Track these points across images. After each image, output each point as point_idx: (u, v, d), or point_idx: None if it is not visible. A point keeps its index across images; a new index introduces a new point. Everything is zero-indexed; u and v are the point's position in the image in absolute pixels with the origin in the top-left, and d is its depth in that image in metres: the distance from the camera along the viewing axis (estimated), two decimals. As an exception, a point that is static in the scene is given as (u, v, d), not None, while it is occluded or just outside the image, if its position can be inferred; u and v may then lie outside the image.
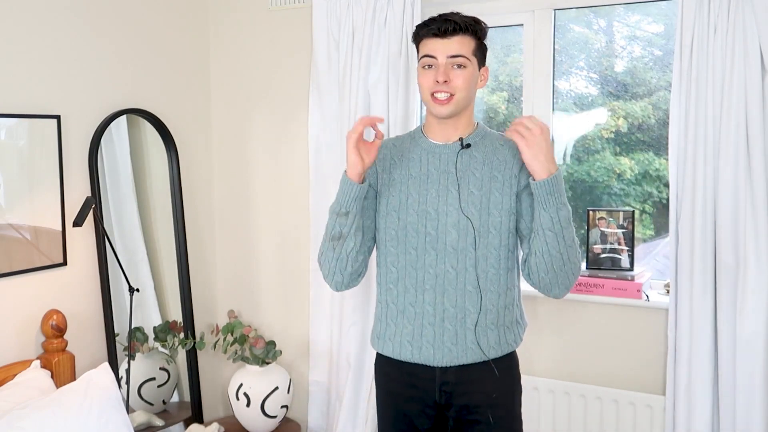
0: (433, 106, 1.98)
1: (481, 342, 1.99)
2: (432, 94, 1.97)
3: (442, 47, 1.95)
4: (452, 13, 1.99)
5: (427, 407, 2.06)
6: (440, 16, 1.98)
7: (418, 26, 2.01)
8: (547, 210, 1.89)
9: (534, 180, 1.89)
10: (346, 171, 1.98)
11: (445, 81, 1.94)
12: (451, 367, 2.00)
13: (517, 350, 2.10)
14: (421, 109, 3.05)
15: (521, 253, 2.05)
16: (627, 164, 2.94)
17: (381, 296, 2.11)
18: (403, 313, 2.04)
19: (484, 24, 2.02)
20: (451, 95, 1.95)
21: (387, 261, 2.07)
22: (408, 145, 2.09)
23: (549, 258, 1.91)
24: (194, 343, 3.20)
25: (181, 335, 3.19)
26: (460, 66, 1.95)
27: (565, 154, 3.04)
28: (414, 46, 2.08)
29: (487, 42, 2.04)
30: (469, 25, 1.97)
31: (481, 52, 2.01)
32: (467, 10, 2.96)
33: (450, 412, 2.05)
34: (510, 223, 1.99)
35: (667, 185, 2.76)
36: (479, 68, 2.01)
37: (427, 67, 1.98)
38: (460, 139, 2.02)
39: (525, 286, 2.79)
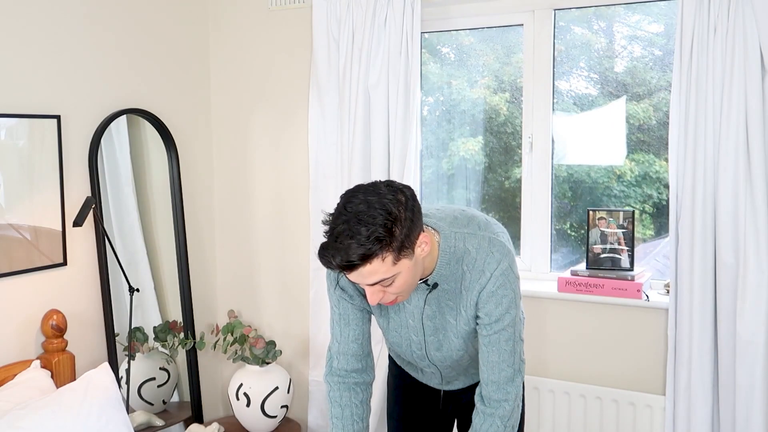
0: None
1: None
2: None
3: (355, 278, 1.66)
4: (341, 246, 1.59)
5: (433, 390, 2.20)
6: (323, 252, 1.62)
7: (318, 255, 1.65)
8: None
9: None
10: None
11: (381, 297, 1.72)
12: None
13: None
14: (420, 110, 3.06)
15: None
16: (627, 165, 2.94)
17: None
18: (407, 368, 2.21)
19: (392, 220, 1.60)
20: (396, 297, 1.76)
21: None
22: None
23: None
24: (194, 343, 3.20)
25: (181, 335, 3.18)
26: (387, 284, 1.69)
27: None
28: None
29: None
30: (370, 254, 1.59)
31: (405, 243, 1.64)
32: (467, 11, 2.99)
33: (455, 398, 2.18)
34: (476, 336, 1.95)
35: (667, 187, 2.76)
36: (413, 253, 1.68)
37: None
38: (426, 282, 1.84)
39: (525, 286, 2.79)
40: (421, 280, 1.83)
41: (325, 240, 1.64)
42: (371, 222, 1.59)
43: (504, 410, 1.88)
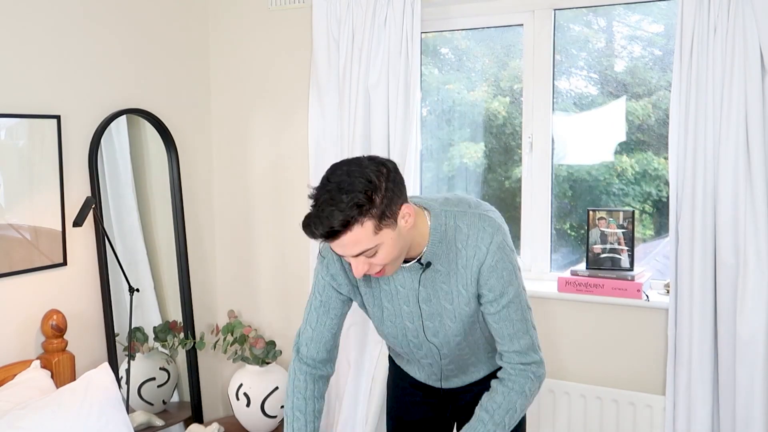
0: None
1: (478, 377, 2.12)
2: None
3: (339, 249, 1.69)
4: (322, 214, 1.63)
5: (432, 390, 2.18)
6: (307, 222, 1.65)
7: (303, 226, 1.68)
8: None
9: None
10: None
11: (367, 270, 1.74)
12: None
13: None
14: (420, 109, 3.06)
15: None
16: (627, 162, 2.94)
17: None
18: (405, 366, 2.20)
19: (372, 188, 1.64)
20: (382, 267, 1.75)
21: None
22: None
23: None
24: (194, 343, 3.20)
25: (181, 335, 3.19)
26: (371, 255, 1.71)
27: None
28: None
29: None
30: (350, 220, 1.62)
31: (386, 212, 1.66)
32: (467, 11, 2.99)
33: (455, 398, 2.17)
34: (482, 317, 1.94)
35: (666, 184, 2.76)
36: (395, 223, 1.69)
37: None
38: (419, 261, 1.84)
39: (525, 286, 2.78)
40: (413, 259, 1.84)
41: (310, 211, 1.68)
42: (351, 189, 1.62)
43: (533, 372, 1.88)
